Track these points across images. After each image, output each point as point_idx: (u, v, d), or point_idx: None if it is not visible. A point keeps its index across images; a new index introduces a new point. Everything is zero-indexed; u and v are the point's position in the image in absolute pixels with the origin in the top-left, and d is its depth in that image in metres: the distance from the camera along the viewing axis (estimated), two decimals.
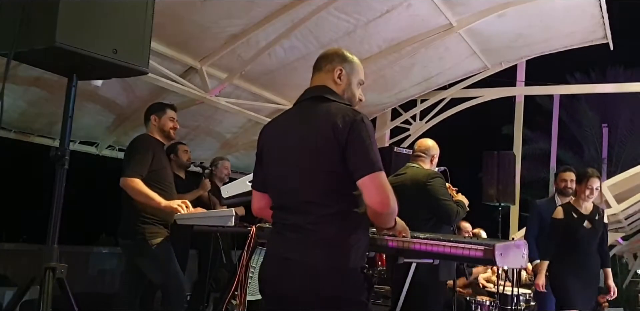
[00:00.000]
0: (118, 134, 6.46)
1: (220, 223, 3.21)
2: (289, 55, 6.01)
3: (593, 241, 4.29)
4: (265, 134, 2.19)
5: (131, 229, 3.54)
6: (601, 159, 15.10)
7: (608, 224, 8.49)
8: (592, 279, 4.30)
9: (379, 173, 1.91)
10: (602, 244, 4.38)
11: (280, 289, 1.98)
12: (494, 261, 1.86)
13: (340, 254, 1.91)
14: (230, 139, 7.47)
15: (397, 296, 2.47)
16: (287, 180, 2.04)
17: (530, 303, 5.69)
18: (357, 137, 1.92)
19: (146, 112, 3.85)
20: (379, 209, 1.92)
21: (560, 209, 4.37)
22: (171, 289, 3.55)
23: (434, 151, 3.81)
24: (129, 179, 3.44)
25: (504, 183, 6.23)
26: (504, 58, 7.72)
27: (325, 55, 2.20)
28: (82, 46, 1.99)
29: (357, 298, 1.92)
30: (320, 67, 2.17)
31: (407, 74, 7.43)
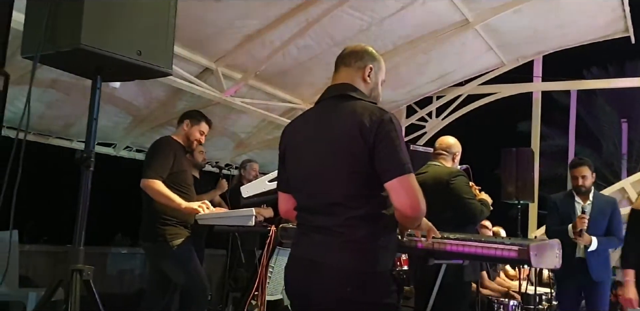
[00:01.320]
0: (135, 136, 6.49)
1: (240, 222, 3.21)
2: (303, 54, 6.00)
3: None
4: (288, 134, 2.14)
5: (152, 231, 3.55)
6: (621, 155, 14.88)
7: None
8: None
9: (409, 175, 1.85)
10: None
11: (306, 292, 1.94)
12: (529, 262, 1.82)
13: (369, 257, 1.87)
14: (245, 138, 7.48)
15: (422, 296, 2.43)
16: (311, 181, 1.99)
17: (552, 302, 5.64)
18: (385, 137, 1.85)
19: (183, 115, 3.89)
20: (409, 213, 1.86)
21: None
22: (194, 289, 3.56)
23: (456, 149, 3.76)
24: (150, 180, 3.45)
25: (522, 180, 6.17)
26: (521, 54, 7.64)
27: (355, 51, 2.12)
28: (106, 48, 1.98)
29: (386, 301, 1.88)
30: (348, 63, 2.09)
31: (422, 71, 7.38)
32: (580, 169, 4.38)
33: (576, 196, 4.43)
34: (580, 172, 4.37)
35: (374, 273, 1.87)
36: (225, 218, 3.37)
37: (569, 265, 4.20)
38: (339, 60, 2.13)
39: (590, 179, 4.38)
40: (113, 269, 6.06)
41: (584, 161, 4.46)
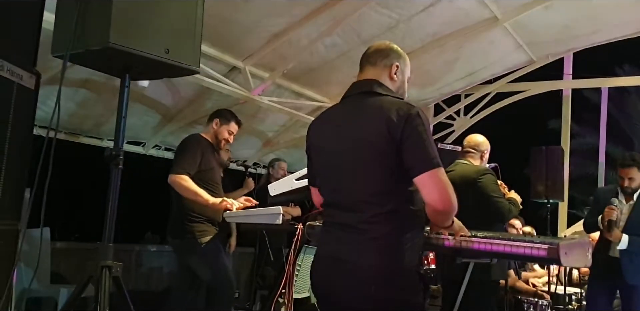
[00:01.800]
0: (164, 134, 6.57)
1: (267, 220, 3.21)
2: (330, 52, 5.99)
3: None
4: (313, 130, 2.14)
5: (180, 228, 3.59)
6: None
7: None
8: None
9: (438, 168, 1.84)
10: None
11: (332, 290, 1.94)
12: (559, 261, 1.79)
13: (394, 254, 1.85)
14: (272, 137, 7.51)
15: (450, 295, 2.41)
16: (337, 177, 1.99)
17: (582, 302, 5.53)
18: (413, 132, 1.85)
19: (213, 114, 3.93)
20: (440, 207, 1.85)
21: None
22: (220, 286, 3.59)
23: (484, 147, 3.72)
24: (177, 175, 3.48)
25: (552, 179, 6.08)
26: (551, 51, 7.51)
27: (380, 50, 2.11)
28: (134, 46, 2.01)
29: (413, 299, 1.87)
30: (374, 62, 2.08)
31: (450, 69, 7.31)
32: (628, 170, 4.14)
33: (620, 193, 4.26)
34: (628, 173, 4.15)
35: (399, 269, 1.86)
36: (253, 215, 3.38)
37: (601, 263, 4.09)
38: (364, 59, 2.13)
39: (637, 180, 4.17)
40: (142, 266, 6.14)
41: (635, 162, 4.15)
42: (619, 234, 4.04)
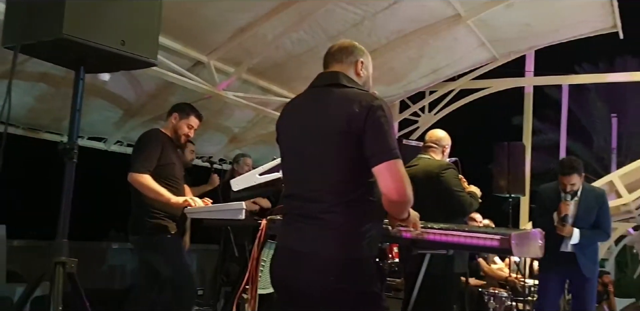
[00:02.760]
0: (126, 130, 6.45)
1: (230, 216, 3.18)
2: (296, 48, 5.97)
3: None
4: (281, 121, 2.16)
5: (140, 225, 3.54)
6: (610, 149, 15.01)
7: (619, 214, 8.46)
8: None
9: (396, 160, 1.87)
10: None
11: (291, 281, 1.95)
12: (511, 251, 1.83)
13: (353, 245, 1.87)
14: (239, 133, 7.45)
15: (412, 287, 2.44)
16: (299, 168, 2.00)
17: None
18: (374, 123, 1.87)
19: (172, 108, 3.85)
20: (395, 198, 1.87)
21: None
22: (182, 282, 3.55)
23: (445, 142, 3.77)
24: (138, 174, 3.43)
25: (514, 173, 6.20)
26: (513, 48, 7.65)
27: (344, 47, 2.15)
28: (89, 38, 1.97)
29: (370, 289, 1.89)
30: (340, 59, 2.11)
31: (415, 66, 7.37)
32: (569, 178, 4.25)
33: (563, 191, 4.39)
34: (569, 180, 4.26)
35: (357, 259, 1.88)
36: (215, 211, 3.34)
37: (554, 257, 4.25)
38: (329, 57, 2.16)
39: (578, 184, 4.32)
40: (104, 264, 6.04)
41: (574, 169, 4.27)
42: (571, 228, 4.19)
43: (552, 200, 4.37)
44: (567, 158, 4.68)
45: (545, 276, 4.49)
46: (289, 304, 2.01)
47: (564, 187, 4.31)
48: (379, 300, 1.92)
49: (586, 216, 4.30)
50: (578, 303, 4.41)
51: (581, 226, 4.26)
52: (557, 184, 4.41)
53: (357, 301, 1.87)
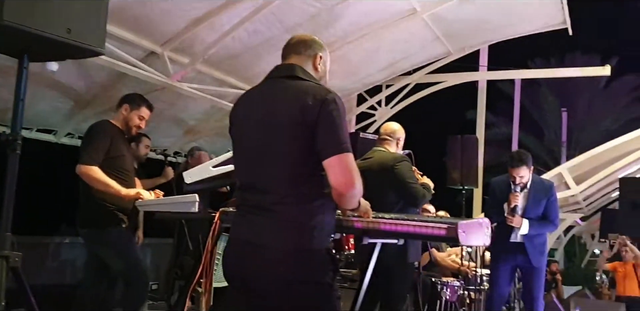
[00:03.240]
0: (77, 121, 6.28)
1: (182, 209, 3.13)
2: (253, 39, 5.92)
3: None
4: (234, 112, 2.14)
5: (90, 218, 3.47)
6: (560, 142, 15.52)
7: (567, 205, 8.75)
8: None
9: (347, 154, 1.88)
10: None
11: (243, 273, 1.94)
12: (457, 239, 1.87)
13: (304, 236, 1.88)
14: (194, 125, 7.35)
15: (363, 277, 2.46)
16: (252, 159, 1.99)
17: None
18: (327, 116, 1.88)
19: (122, 99, 3.75)
20: (344, 191, 1.88)
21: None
22: (133, 277, 3.49)
23: (399, 134, 3.82)
24: (86, 166, 3.35)
25: (467, 166, 6.32)
26: (467, 43, 7.78)
27: (304, 40, 2.15)
28: (32, 25, 1.91)
29: (322, 280, 1.90)
30: (298, 52, 2.12)
31: (372, 59, 7.41)
32: (518, 170, 4.38)
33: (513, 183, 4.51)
34: (518, 173, 4.39)
35: (310, 251, 1.89)
36: (168, 204, 3.29)
37: (504, 247, 4.41)
38: (288, 48, 2.16)
39: (527, 176, 4.45)
40: (55, 259, 5.89)
41: (523, 162, 4.39)
42: (520, 219, 4.32)
43: (503, 192, 4.50)
44: (516, 151, 4.81)
45: (496, 265, 4.62)
46: (241, 296, 2.01)
47: (514, 179, 4.44)
48: (331, 290, 1.93)
49: (535, 207, 4.44)
50: (527, 291, 4.56)
51: (530, 217, 4.39)
52: (508, 177, 4.54)
53: (309, 291, 1.89)
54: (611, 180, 8.15)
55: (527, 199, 4.46)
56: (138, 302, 3.55)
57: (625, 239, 7.08)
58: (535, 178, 4.60)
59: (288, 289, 1.87)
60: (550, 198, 4.52)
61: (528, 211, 4.42)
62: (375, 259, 2.47)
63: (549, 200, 4.51)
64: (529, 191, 4.47)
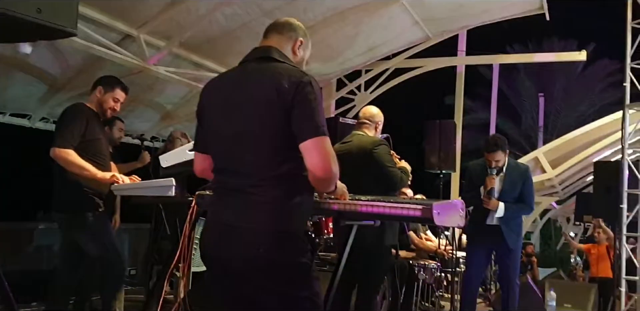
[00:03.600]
0: (52, 106, 6.18)
1: (159, 193, 3.10)
2: (230, 22, 5.86)
3: None
4: (207, 93, 2.11)
5: (65, 202, 3.43)
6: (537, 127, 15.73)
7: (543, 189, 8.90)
8: None
9: (323, 137, 1.87)
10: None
11: (221, 255, 1.94)
12: (432, 220, 1.89)
13: (282, 217, 1.88)
14: (171, 110, 7.28)
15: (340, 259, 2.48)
16: (229, 142, 1.98)
17: None
18: (303, 99, 1.87)
19: (96, 81, 3.69)
20: (320, 175, 1.88)
21: None
22: (109, 261, 3.47)
23: (378, 118, 3.83)
24: (61, 149, 3.30)
25: (445, 150, 6.37)
26: (446, 28, 7.80)
27: (289, 23, 2.14)
28: (1, 4, 1.85)
29: (300, 260, 1.91)
30: (281, 31, 2.10)
31: (351, 44, 7.40)
32: (493, 154, 4.45)
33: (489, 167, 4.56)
34: (494, 157, 4.46)
35: (288, 232, 1.89)
36: (144, 188, 3.26)
37: (480, 230, 4.48)
38: (272, 27, 2.14)
39: (503, 160, 4.52)
40: (32, 245, 5.84)
41: (498, 146, 4.45)
42: (497, 202, 4.39)
43: (479, 176, 4.56)
44: (492, 135, 4.88)
45: (472, 248, 4.69)
46: (220, 279, 2.01)
47: (490, 163, 4.50)
48: (309, 270, 1.94)
49: (511, 191, 4.50)
50: (503, 272, 4.65)
51: (506, 200, 4.46)
52: (484, 161, 4.59)
53: (287, 272, 1.89)
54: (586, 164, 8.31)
55: (502, 182, 4.52)
56: (115, 287, 3.54)
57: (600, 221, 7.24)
58: (510, 161, 4.66)
59: (266, 270, 1.87)
60: (525, 181, 4.58)
61: (504, 194, 4.49)
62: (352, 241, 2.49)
63: (525, 183, 4.57)
64: (504, 174, 4.54)
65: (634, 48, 5.02)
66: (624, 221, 5.05)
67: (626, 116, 5.19)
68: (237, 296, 1.97)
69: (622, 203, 5.05)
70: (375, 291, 3.69)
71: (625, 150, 5.13)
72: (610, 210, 5.42)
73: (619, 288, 5.13)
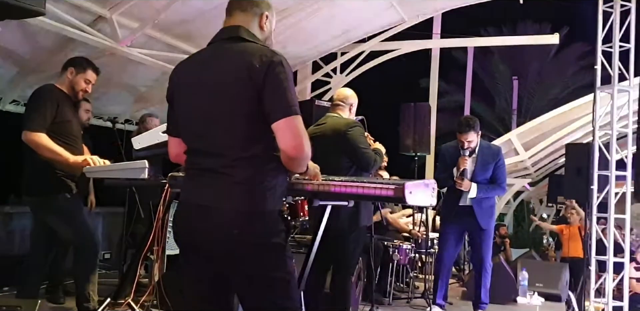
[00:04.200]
0: (22, 88, 6.05)
1: (132, 175, 3.08)
2: (204, 4, 5.78)
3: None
4: (177, 75, 2.08)
5: (36, 185, 3.39)
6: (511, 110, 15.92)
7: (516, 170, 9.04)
8: None
9: (295, 116, 1.87)
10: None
11: (194, 236, 1.93)
12: (404, 199, 1.91)
13: (255, 198, 1.88)
14: (145, 92, 7.19)
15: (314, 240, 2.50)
16: (200, 123, 1.96)
17: None
18: (274, 78, 1.86)
19: (67, 62, 3.62)
20: (293, 154, 1.89)
21: None
22: (82, 244, 3.45)
23: (352, 100, 3.83)
24: (33, 133, 3.25)
25: (420, 133, 6.41)
26: (421, 11, 7.81)
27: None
28: None
29: (274, 240, 1.91)
30: (244, 9, 2.06)
31: (327, 27, 7.36)
32: (466, 135, 4.53)
33: (462, 149, 4.63)
34: (466, 138, 4.53)
35: (261, 212, 1.89)
36: (116, 170, 3.22)
37: (454, 211, 4.57)
38: (234, 4, 2.09)
39: (475, 141, 4.58)
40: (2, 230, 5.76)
41: (470, 127, 4.52)
42: (469, 183, 4.46)
43: (452, 157, 4.62)
44: (464, 117, 4.93)
45: (445, 228, 4.77)
46: (194, 260, 2.00)
47: (462, 144, 4.56)
48: (284, 250, 1.95)
49: (483, 171, 4.58)
50: (475, 253, 4.75)
51: (479, 181, 4.53)
52: (457, 143, 4.65)
53: (262, 252, 1.90)
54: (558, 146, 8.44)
55: (475, 163, 4.59)
56: (89, 269, 3.52)
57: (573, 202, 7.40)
58: (483, 143, 4.73)
59: (241, 251, 1.87)
60: (497, 162, 4.66)
61: (476, 175, 4.56)
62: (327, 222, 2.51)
63: (497, 164, 4.65)
64: (477, 155, 4.60)
65: (605, 31, 5.07)
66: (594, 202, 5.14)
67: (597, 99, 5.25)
68: (211, 277, 1.97)
69: (593, 184, 5.14)
70: (350, 272, 3.72)
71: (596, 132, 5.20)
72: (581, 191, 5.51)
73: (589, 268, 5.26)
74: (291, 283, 1.96)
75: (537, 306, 5.57)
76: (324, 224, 2.41)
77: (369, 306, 4.60)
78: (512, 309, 5.40)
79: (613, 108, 5.01)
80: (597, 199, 5.11)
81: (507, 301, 5.53)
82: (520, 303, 5.64)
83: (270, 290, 1.92)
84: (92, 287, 3.52)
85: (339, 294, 3.61)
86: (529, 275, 5.86)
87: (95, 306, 3.46)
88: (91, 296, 3.50)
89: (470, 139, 4.52)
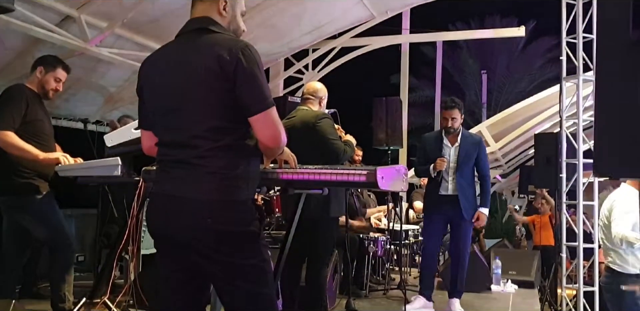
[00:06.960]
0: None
1: (105, 173, 3.07)
2: (173, 2, 5.74)
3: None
4: (146, 68, 2.09)
5: (9, 185, 3.35)
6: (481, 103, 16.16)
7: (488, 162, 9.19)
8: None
9: (271, 109, 1.91)
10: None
11: (168, 227, 1.94)
12: (376, 184, 1.95)
13: (228, 187, 1.90)
14: (115, 92, 7.11)
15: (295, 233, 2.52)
16: (171, 116, 1.97)
17: (419, 237, 6.11)
18: (245, 70, 1.87)
19: (36, 61, 3.59)
20: (272, 145, 1.96)
21: None
22: (58, 244, 3.42)
23: (322, 93, 3.86)
24: (1, 132, 3.21)
25: (392, 127, 6.46)
26: (389, 7, 7.89)
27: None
28: None
29: (248, 229, 1.93)
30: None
31: (297, 23, 7.39)
32: (450, 112, 4.68)
33: (445, 137, 4.72)
34: (450, 114, 4.68)
35: (234, 201, 1.91)
36: (89, 168, 3.21)
37: (436, 200, 4.64)
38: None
39: (459, 121, 4.70)
40: None
41: (455, 104, 4.70)
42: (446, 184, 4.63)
43: (433, 149, 4.70)
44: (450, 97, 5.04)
45: (429, 218, 4.82)
46: (169, 252, 2.01)
47: (446, 123, 4.68)
48: (257, 238, 1.96)
49: (467, 160, 4.67)
50: (455, 243, 4.77)
51: (463, 170, 4.60)
52: (439, 133, 4.74)
53: (236, 241, 1.91)
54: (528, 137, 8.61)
55: (458, 152, 4.65)
56: (65, 268, 3.49)
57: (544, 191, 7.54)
58: (464, 132, 4.81)
59: (214, 240, 1.89)
60: (480, 151, 4.73)
61: (460, 164, 4.62)
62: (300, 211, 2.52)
63: (479, 154, 4.71)
64: (459, 144, 4.67)
65: (569, 23, 5.19)
66: (564, 190, 5.27)
67: (563, 89, 5.38)
68: (185, 267, 1.98)
69: (562, 172, 5.26)
70: (323, 263, 3.71)
71: (564, 122, 5.33)
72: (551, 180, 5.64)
73: (560, 255, 5.38)
74: (265, 270, 1.98)
75: (510, 293, 5.68)
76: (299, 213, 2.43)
77: (345, 299, 4.63)
78: (486, 297, 5.49)
79: (579, 98, 5.14)
80: (567, 187, 5.24)
81: (481, 289, 5.62)
82: (495, 290, 5.73)
83: (246, 277, 1.93)
84: (68, 287, 3.49)
85: (313, 285, 3.62)
86: (502, 264, 5.97)
87: (71, 307, 3.43)
88: (67, 296, 3.47)
89: (455, 116, 4.65)
